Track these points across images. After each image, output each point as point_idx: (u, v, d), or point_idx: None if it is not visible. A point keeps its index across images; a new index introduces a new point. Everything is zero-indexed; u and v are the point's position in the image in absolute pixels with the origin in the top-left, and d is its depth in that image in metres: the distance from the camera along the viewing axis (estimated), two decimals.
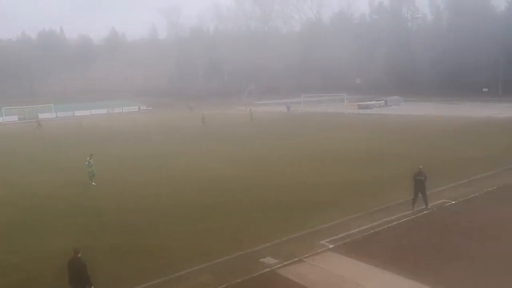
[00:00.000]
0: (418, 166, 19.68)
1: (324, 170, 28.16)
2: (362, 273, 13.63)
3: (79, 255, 11.58)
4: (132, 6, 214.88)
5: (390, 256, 14.63)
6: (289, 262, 14.44)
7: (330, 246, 15.55)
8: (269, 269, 14.05)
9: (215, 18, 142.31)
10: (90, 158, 26.79)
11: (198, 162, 32.62)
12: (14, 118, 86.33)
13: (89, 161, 26.61)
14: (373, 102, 77.37)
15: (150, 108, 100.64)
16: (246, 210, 20.20)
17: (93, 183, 26.30)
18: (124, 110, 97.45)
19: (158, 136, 49.86)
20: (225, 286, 13.12)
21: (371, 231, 16.83)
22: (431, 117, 57.05)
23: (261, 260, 14.69)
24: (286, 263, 14.36)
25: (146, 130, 56.68)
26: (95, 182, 26.34)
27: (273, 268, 14.11)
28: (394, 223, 17.58)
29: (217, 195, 22.96)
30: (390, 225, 17.42)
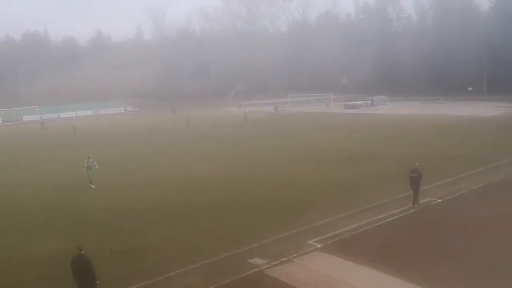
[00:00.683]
0: (415, 163, 19.99)
1: (311, 170, 28.20)
2: (350, 272, 13.67)
3: (83, 252, 11.88)
4: (116, 7, 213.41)
5: (377, 254, 14.70)
6: (277, 262, 14.44)
7: (318, 246, 15.57)
8: (257, 269, 14.04)
9: (202, 19, 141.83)
10: (87, 160, 25.90)
11: (184, 163, 32.48)
12: None
13: (87, 162, 25.74)
14: (359, 102, 77.56)
15: (137, 109, 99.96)
16: (234, 211, 20.13)
17: (92, 186, 25.54)
18: (110, 112, 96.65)
19: (142, 138, 49.60)
20: (213, 287, 13.07)
21: (359, 230, 16.89)
22: (417, 116, 57.44)
23: (249, 260, 14.66)
24: (274, 263, 14.36)
25: (131, 132, 56.31)
26: (94, 185, 25.62)
27: (261, 268, 14.09)
28: (381, 222, 17.67)
29: (204, 196, 22.87)
30: (377, 224, 17.51)
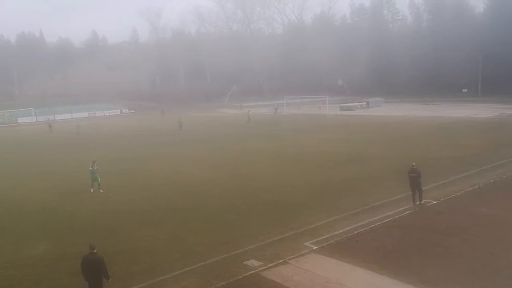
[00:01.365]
0: (411, 163, 20.13)
1: (307, 171, 28.21)
2: (346, 273, 13.67)
3: (95, 251, 11.98)
4: (111, 8, 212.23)
5: (373, 256, 14.70)
6: (273, 264, 14.41)
7: (314, 248, 15.56)
8: (253, 271, 14.00)
9: (197, 21, 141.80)
10: (92, 164, 24.96)
11: (176, 166, 32.37)
12: None
13: (92, 167, 24.91)
14: (355, 104, 77.77)
15: (133, 111, 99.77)
16: (228, 213, 20.07)
17: (98, 190, 24.74)
18: (106, 114, 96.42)
19: (136, 140, 49.47)
20: None
21: (355, 232, 16.90)
22: (411, 117, 57.63)
23: (245, 262, 14.62)
24: (270, 265, 14.33)
25: (126, 134, 56.19)
26: (102, 189, 24.80)
27: (257, 270, 14.05)
28: (377, 224, 17.68)
29: (196, 198, 22.82)
30: (373, 225, 17.52)
